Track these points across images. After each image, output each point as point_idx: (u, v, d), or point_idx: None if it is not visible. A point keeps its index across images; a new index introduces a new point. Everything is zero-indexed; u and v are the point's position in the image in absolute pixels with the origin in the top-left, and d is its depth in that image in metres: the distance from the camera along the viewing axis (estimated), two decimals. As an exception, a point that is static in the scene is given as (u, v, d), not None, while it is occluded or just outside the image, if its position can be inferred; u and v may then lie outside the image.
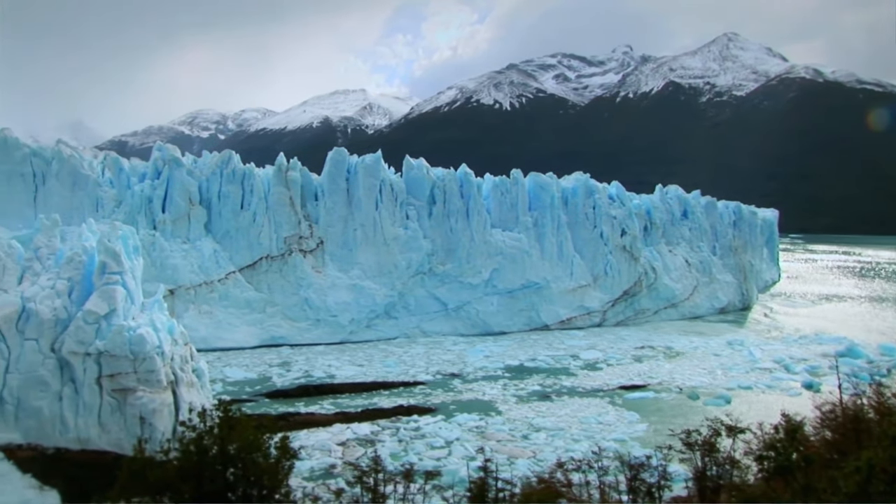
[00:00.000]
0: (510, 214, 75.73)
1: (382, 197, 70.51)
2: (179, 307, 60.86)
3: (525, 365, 52.41)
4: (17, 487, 22.31)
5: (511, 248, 72.91)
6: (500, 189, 76.29)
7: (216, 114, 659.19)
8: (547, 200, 76.60)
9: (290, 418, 34.89)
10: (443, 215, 72.11)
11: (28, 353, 24.91)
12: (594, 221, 78.96)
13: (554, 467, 17.96)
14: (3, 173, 64.13)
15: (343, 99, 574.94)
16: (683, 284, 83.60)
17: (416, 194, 72.60)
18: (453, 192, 72.72)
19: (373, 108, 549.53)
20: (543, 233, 75.57)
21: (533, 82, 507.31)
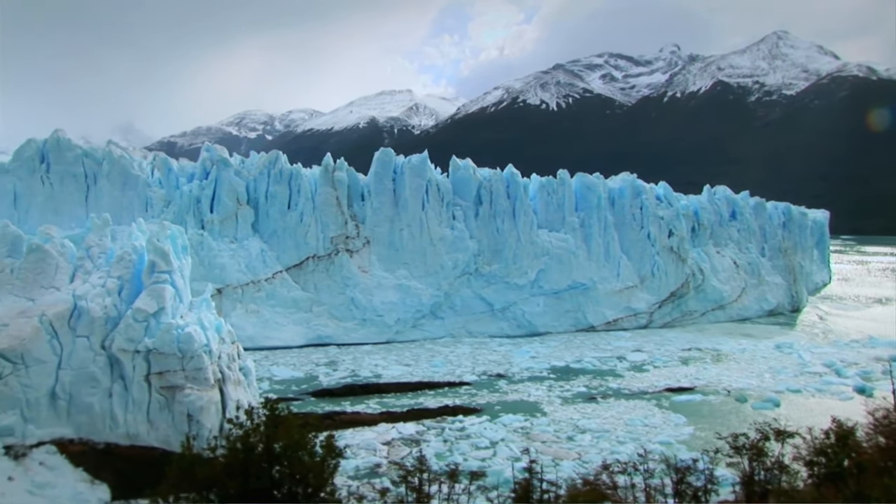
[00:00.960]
0: (557, 215, 75.38)
1: (429, 197, 70.52)
2: (227, 306, 61.38)
3: (571, 366, 52.10)
4: (70, 481, 22.64)
5: (557, 249, 72.57)
6: (547, 189, 75.96)
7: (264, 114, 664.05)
8: (594, 201, 76.14)
9: (336, 417, 35.01)
10: (489, 216, 71.97)
11: (79, 350, 25.25)
12: (641, 222, 78.32)
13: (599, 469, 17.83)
14: (57, 174, 65.23)
15: (389, 99, 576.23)
16: (731, 286, 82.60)
17: (462, 195, 72.54)
18: (500, 192, 72.56)
19: (419, 109, 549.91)
20: (590, 233, 75.13)
21: (580, 82, 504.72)
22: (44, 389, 24.35)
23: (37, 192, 64.56)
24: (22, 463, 22.78)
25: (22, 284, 27.60)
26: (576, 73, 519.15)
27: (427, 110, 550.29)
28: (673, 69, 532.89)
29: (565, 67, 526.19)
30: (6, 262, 28.17)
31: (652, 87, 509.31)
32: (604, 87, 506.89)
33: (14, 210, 62.89)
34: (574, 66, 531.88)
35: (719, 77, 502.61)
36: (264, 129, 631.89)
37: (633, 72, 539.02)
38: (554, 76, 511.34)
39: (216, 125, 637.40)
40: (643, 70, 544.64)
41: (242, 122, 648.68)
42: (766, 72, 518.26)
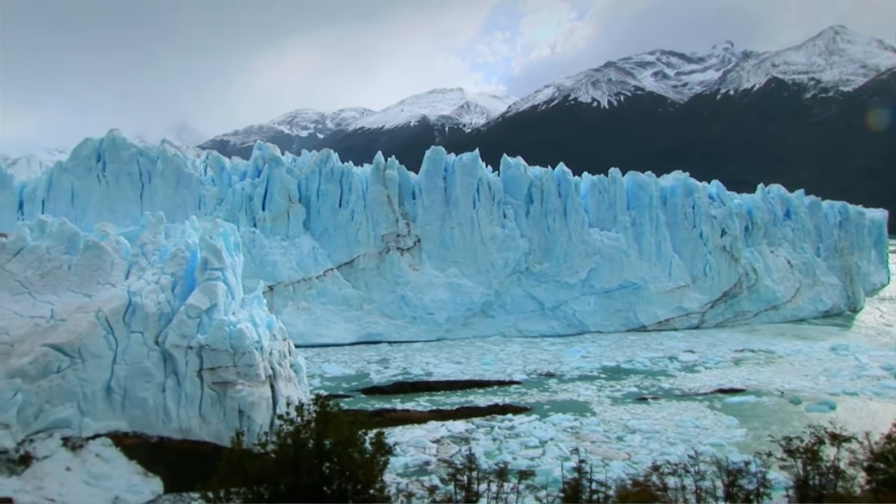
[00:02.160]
0: (608, 214, 74.90)
1: (480, 196, 70.45)
2: (278, 303, 61.86)
3: (622, 366, 51.67)
4: (124, 473, 22.98)
5: (609, 248, 72.11)
6: (598, 188, 75.52)
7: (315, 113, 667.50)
8: (645, 200, 75.54)
9: (386, 415, 35.11)
10: (540, 214, 71.73)
11: (134, 346, 25.59)
12: (693, 221, 77.51)
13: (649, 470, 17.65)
14: (112, 172, 66.28)
15: (440, 98, 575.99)
16: (785, 286, 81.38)
17: (513, 193, 72.39)
18: (551, 190, 72.28)
19: (470, 107, 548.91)
20: (642, 232, 74.54)
21: (631, 80, 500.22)
22: (100, 383, 24.73)
23: (93, 191, 65.68)
24: (79, 454, 23.17)
25: (79, 280, 28.06)
26: (627, 71, 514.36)
27: (478, 108, 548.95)
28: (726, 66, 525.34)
29: (617, 65, 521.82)
30: (64, 259, 28.65)
31: (705, 84, 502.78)
32: (656, 84, 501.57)
33: (71, 208, 64.02)
34: (626, 63, 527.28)
35: (773, 74, 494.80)
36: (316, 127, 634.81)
37: (685, 69, 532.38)
38: (605, 74, 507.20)
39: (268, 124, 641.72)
40: (696, 67, 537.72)
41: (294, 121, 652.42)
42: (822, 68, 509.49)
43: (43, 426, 23.42)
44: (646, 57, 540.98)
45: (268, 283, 60.80)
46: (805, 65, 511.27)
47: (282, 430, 11.69)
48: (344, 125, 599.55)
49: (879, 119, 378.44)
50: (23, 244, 29.19)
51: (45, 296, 27.35)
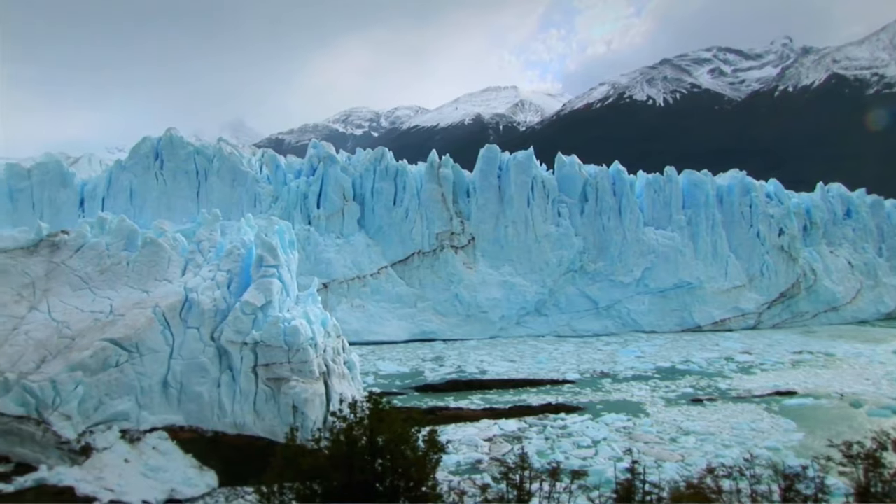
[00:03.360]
0: (663, 212, 74.36)
1: (534, 194, 70.37)
2: (332, 300, 62.32)
3: (676, 367, 51.03)
4: (180, 466, 23.27)
5: (664, 247, 71.59)
6: (654, 186, 75.01)
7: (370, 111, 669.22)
8: (701, 198, 74.84)
9: (439, 412, 35.11)
10: (595, 213, 71.46)
11: (190, 341, 25.89)
12: (750, 220, 76.64)
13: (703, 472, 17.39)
14: (170, 170, 67.30)
15: (495, 96, 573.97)
16: (846, 287, 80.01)
17: (567, 191, 72.19)
18: (605, 189, 71.95)
19: (524, 105, 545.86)
20: (697, 231, 73.88)
21: (687, 77, 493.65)
22: (156, 378, 25.06)
23: (151, 188, 66.74)
24: (136, 447, 23.51)
25: (137, 276, 28.48)
26: (683, 68, 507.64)
27: (532, 106, 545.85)
28: (785, 62, 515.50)
29: (672, 62, 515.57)
30: (122, 255, 29.10)
31: (762, 81, 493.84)
32: (712, 81, 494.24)
33: (130, 205, 65.10)
34: (681, 60, 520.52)
35: (834, 70, 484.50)
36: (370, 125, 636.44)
37: (742, 66, 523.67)
38: (661, 71, 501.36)
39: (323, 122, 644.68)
40: (753, 64, 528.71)
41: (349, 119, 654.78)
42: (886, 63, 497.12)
43: (102, 418, 23.81)
44: (702, 54, 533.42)
45: (322, 281, 61.25)
46: (868, 60, 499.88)
47: (335, 426, 11.73)
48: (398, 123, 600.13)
49: (878, 119, 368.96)
50: (83, 241, 29.71)
51: (104, 291, 27.81)
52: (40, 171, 66.69)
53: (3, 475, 21.57)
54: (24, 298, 27.32)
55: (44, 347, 24.80)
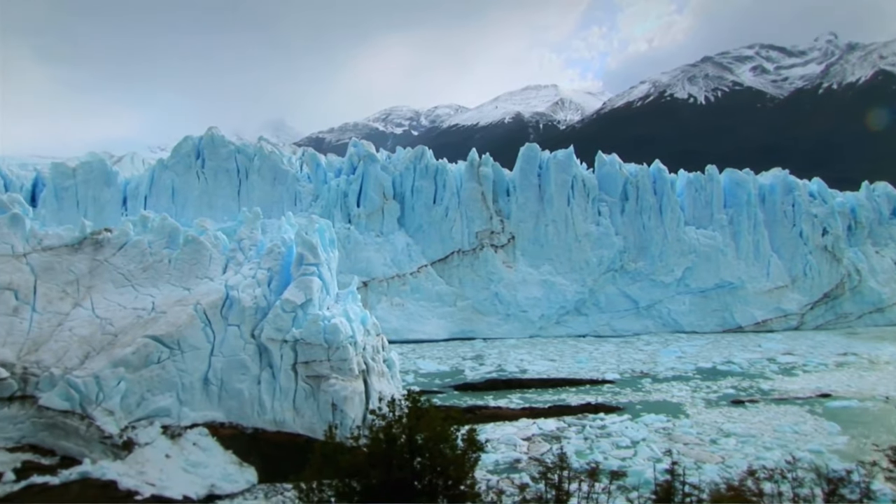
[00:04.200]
0: (704, 212, 73.80)
1: (574, 193, 70.17)
2: (372, 299, 62.53)
3: (717, 367, 50.45)
4: (220, 462, 23.45)
5: (705, 247, 71.04)
6: (695, 186, 74.45)
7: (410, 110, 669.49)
8: (743, 197, 74.17)
9: (478, 411, 35.07)
10: (635, 212, 71.12)
11: (230, 339, 26.06)
12: (793, 220, 75.80)
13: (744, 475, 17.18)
14: (211, 169, 67.92)
15: (535, 94, 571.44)
16: (891, 288, 78.71)
17: (608, 190, 71.91)
18: (646, 188, 71.57)
19: (564, 104, 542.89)
20: (739, 231, 73.23)
21: (729, 75, 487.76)
22: (197, 374, 25.25)
23: (193, 187, 67.39)
24: (177, 442, 23.72)
25: (179, 274, 28.73)
26: (725, 66, 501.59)
27: (572, 105, 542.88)
28: (829, 59, 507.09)
29: (714, 60, 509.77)
30: (164, 253, 29.38)
31: (806, 78, 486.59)
32: (754, 79, 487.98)
33: (172, 204, 65.76)
34: (723, 58, 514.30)
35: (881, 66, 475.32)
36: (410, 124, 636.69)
37: (785, 63, 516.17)
38: (702, 69, 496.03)
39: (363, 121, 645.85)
40: (796, 61, 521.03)
41: (388, 118, 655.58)
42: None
43: (144, 414, 24.05)
44: (744, 51, 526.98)
45: (362, 279, 61.53)
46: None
47: (374, 424, 11.76)
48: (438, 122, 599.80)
49: (878, 119, 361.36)
50: (126, 239, 30.03)
51: (146, 289, 28.09)
52: (85, 170, 67.57)
53: (50, 468, 21.91)
54: (69, 295, 27.68)
55: (87, 343, 25.12)
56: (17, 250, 28.22)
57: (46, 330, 25.92)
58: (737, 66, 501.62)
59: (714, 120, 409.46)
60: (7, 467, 21.68)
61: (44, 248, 28.85)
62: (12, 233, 28.68)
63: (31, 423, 23.19)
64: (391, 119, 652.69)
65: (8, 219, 29.01)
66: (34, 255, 28.41)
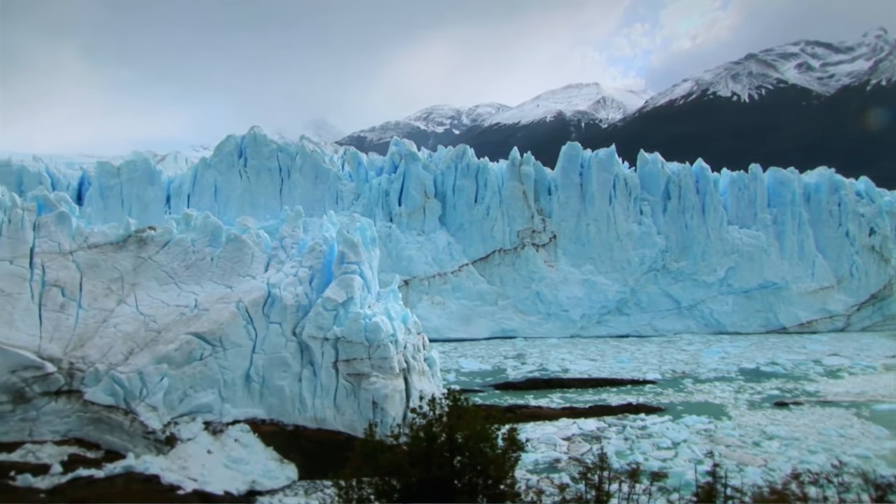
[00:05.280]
0: (748, 211, 73.04)
1: (616, 192, 69.81)
2: (413, 297, 62.65)
3: (761, 368, 49.76)
4: (261, 458, 23.61)
5: (748, 246, 70.33)
6: (738, 184, 73.73)
7: (451, 109, 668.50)
8: (787, 197, 73.29)
9: (518, 410, 34.97)
10: (677, 211, 70.57)
11: (272, 336, 26.22)
12: (839, 219, 74.73)
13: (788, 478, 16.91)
14: (253, 168, 68.41)
15: (576, 93, 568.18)
16: (943, 290, 77.29)
17: (650, 189, 71.42)
18: (689, 187, 70.99)
19: (606, 102, 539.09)
20: (783, 230, 72.38)
21: (773, 72, 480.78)
22: (239, 371, 25.44)
23: (235, 185, 67.93)
24: (219, 438, 23.92)
25: (221, 272, 28.96)
26: (769, 63, 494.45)
27: (614, 104, 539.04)
28: (878, 55, 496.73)
29: (758, 57, 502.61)
30: (207, 251, 29.62)
31: (853, 75, 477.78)
32: (799, 76, 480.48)
33: (215, 202, 66.35)
34: (767, 55, 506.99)
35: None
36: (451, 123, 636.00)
37: (831, 59, 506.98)
38: (746, 66, 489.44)
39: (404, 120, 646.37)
40: (843, 58, 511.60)
41: (430, 117, 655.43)
42: None
43: (186, 410, 24.28)
44: (789, 48, 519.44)
45: (403, 278, 61.69)
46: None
47: (414, 422, 11.75)
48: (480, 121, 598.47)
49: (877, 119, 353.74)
50: (169, 237, 30.33)
51: (189, 286, 28.35)
52: (129, 168, 68.37)
53: (95, 461, 22.24)
54: (114, 292, 28.01)
55: (132, 340, 25.40)
56: (64, 248, 28.64)
57: (92, 326, 26.26)
58: (781, 64, 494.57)
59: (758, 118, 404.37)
60: (54, 460, 22.08)
61: (89, 245, 29.23)
62: (59, 230, 29.10)
63: (77, 417, 23.54)
64: (432, 118, 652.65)
65: (55, 217, 29.43)
66: (80, 253, 28.80)
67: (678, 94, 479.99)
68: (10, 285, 26.40)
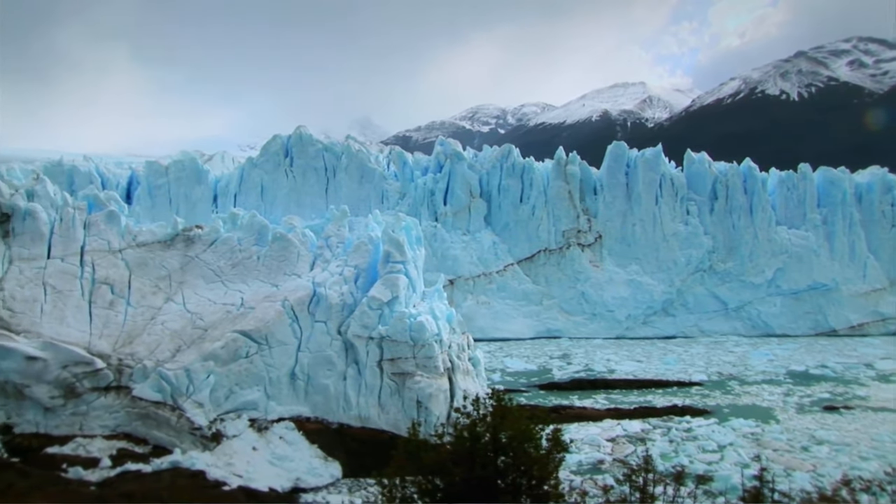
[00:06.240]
0: (797, 211, 72.07)
1: (662, 192, 69.30)
2: (458, 297, 62.68)
3: (811, 371, 48.89)
4: (305, 456, 23.74)
5: (797, 247, 69.42)
6: (787, 184, 72.77)
7: (496, 108, 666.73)
8: (838, 197, 72.20)
9: (563, 411, 34.82)
10: (725, 211, 69.87)
11: (317, 335, 26.34)
12: (892, 220, 73.51)
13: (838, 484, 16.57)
14: (299, 167, 68.90)
15: (622, 92, 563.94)
16: None
17: (697, 189, 70.78)
18: (736, 187, 70.25)
19: (652, 101, 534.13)
20: (833, 231, 71.31)
21: (824, 70, 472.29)
22: (284, 369, 25.60)
23: (281, 185, 68.46)
24: (264, 436, 24.09)
25: (267, 271, 29.19)
26: (819, 61, 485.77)
27: (661, 103, 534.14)
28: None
29: (808, 54, 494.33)
30: (253, 250, 29.87)
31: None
32: (851, 74, 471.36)
33: (261, 201, 66.90)
34: (818, 52, 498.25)
35: None
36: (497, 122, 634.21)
37: (885, 56, 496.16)
38: (795, 64, 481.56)
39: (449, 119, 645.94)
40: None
41: (475, 117, 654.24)
42: None
43: (232, 407, 24.50)
44: (840, 45, 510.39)
45: (448, 277, 61.77)
46: None
47: (458, 422, 11.74)
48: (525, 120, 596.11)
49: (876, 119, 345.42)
50: (216, 235, 30.63)
51: (235, 284, 28.61)
52: (177, 168, 69.18)
53: (142, 456, 22.56)
54: (161, 290, 28.36)
55: (179, 337, 25.69)
56: (114, 246, 29.05)
57: (140, 323, 26.60)
58: (832, 61, 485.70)
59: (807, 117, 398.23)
60: (104, 454, 22.44)
61: (138, 244, 29.61)
62: (109, 229, 29.53)
63: (126, 412, 23.87)
64: (478, 117, 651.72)
65: (105, 216, 29.85)
66: (129, 251, 29.19)
67: (726, 92, 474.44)
68: (62, 283, 26.83)
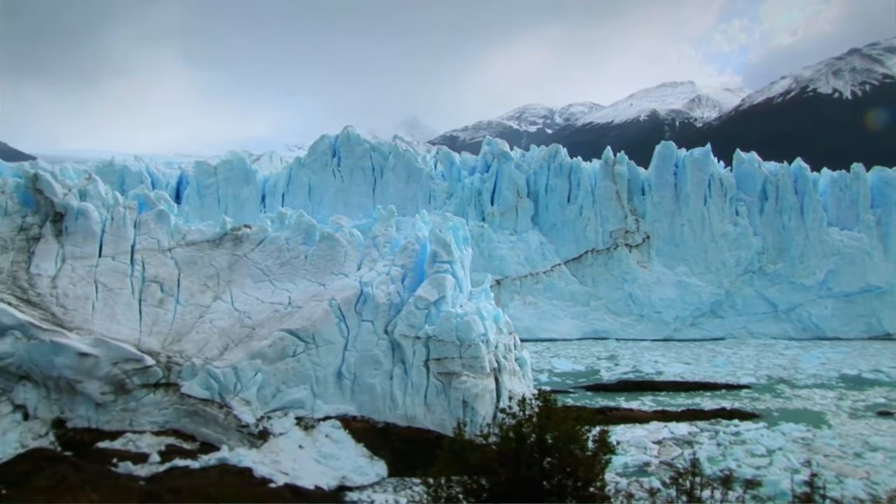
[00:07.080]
0: (849, 212, 70.89)
1: (711, 192, 68.62)
2: (505, 297, 62.62)
3: (864, 376, 47.88)
4: (351, 454, 23.86)
5: (850, 249, 68.29)
6: (839, 185, 71.62)
7: (544, 108, 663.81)
8: (892, 197, 70.94)
9: (609, 413, 34.63)
10: (775, 212, 69.00)
11: (364, 334, 26.46)
12: (949, 221, 71.94)
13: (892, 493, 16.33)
14: (347, 167, 69.25)
15: (671, 91, 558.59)
16: None
17: (746, 189, 69.98)
18: (787, 187, 69.33)
19: (701, 101, 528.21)
20: (888, 232, 70.06)
21: (878, 67, 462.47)
22: (331, 368, 25.74)
23: (329, 185, 68.85)
24: (310, 434, 24.25)
25: (314, 270, 29.36)
26: (874, 58, 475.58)
27: (709, 102, 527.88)
28: None
29: (862, 52, 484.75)
30: (301, 249, 30.08)
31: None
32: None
33: (309, 201, 67.34)
34: (872, 49, 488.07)
35: None
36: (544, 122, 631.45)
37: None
38: (848, 62, 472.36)
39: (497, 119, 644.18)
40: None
41: (522, 116, 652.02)
42: None
43: (279, 405, 24.69)
44: None
45: (495, 277, 61.75)
46: None
47: (504, 422, 11.71)
48: (572, 120, 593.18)
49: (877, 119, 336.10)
50: (264, 235, 30.90)
51: (283, 284, 28.82)
52: (225, 168, 69.86)
53: (190, 452, 22.85)
54: (210, 289, 28.66)
55: (227, 336, 25.94)
56: (163, 245, 29.43)
57: (189, 321, 26.90)
58: (888, 58, 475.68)
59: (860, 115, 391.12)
60: (153, 449, 22.78)
61: (187, 243, 29.97)
62: (159, 228, 29.93)
63: (174, 409, 24.15)
64: (525, 117, 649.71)
65: (155, 215, 30.25)
66: (178, 250, 29.54)
67: (776, 91, 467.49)
68: (113, 281, 27.22)
